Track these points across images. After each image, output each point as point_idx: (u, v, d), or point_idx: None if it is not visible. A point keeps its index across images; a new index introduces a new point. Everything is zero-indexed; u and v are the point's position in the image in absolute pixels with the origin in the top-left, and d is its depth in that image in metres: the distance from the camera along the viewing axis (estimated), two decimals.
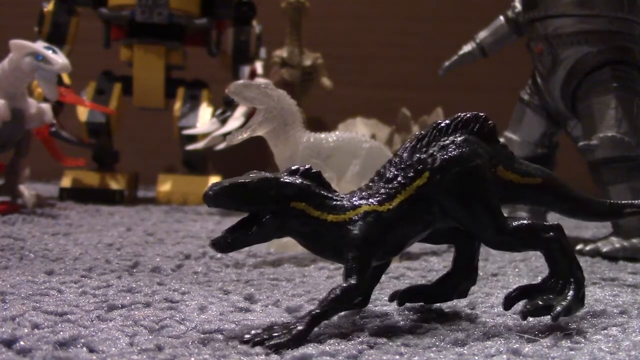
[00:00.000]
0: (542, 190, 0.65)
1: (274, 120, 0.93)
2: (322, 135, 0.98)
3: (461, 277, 0.66)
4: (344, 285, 0.56)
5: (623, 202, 0.70)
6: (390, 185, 0.60)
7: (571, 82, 1.16)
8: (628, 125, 1.07)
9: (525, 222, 0.61)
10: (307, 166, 0.59)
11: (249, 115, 1.48)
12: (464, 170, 0.60)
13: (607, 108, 1.09)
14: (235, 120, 1.50)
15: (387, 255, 0.61)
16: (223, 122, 1.55)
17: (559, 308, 0.58)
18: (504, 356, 0.53)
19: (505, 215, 0.62)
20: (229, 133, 1.28)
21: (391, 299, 0.68)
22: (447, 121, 0.62)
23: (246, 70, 1.77)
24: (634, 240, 1.03)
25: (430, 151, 0.61)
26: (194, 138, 1.61)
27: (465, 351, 0.54)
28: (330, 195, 0.60)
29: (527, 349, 0.54)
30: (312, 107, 1.95)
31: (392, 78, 2.26)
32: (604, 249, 1.03)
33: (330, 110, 2.07)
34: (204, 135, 1.56)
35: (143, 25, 1.68)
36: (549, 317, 0.59)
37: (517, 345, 0.55)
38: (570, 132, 1.26)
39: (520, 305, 0.61)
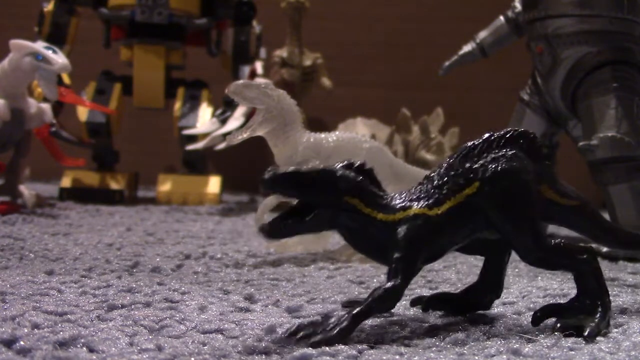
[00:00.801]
0: (577, 213, 0.65)
1: (274, 120, 0.93)
2: (322, 135, 0.98)
3: (487, 290, 0.66)
4: (388, 285, 0.56)
5: None
6: (439, 191, 0.61)
7: (571, 82, 1.16)
8: (628, 125, 1.07)
9: (562, 241, 0.61)
10: (362, 161, 0.60)
11: (249, 115, 1.48)
12: (514, 184, 0.61)
13: (607, 108, 1.09)
14: (235, 120, 1.50)
15: (428, 261, 0.61)
16: (223, 122, 1.55)
17: (589, 329, 0.58)
18: (504, 356, 0.53)
19: None
20: (229, 133, 1.28)
21: (413, 303, 0.68)
22: (498, 134, 0.63)
23: (246, 70, 1.77)
24: None
25: (482, 161, 0.61)
26: (194, 138, 1.60)
27: (465, 351, 0.54)
28: (381, 194, 0.60)
29: (527, 349, 0.54)
30: (312, 107, 1.95)
31: (392, 78, 2.26)
32: (604, 249, 1.03)
33: (330, 110, 2.07)
34: (204, 135, 1.56)
35: (143, 25, 1.68)
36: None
37: (517, 345, 0.55)
38: (570, 132, 1.26)
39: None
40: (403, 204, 0.60)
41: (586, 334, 0.57)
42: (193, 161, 1.74)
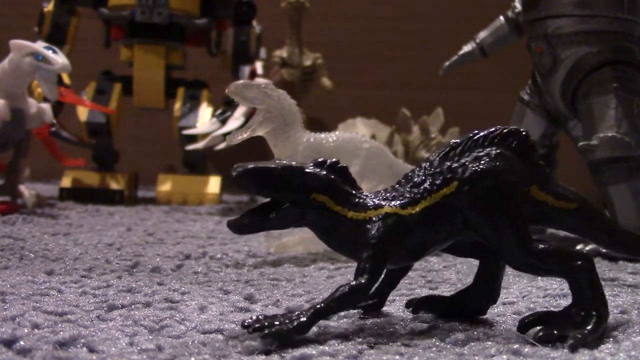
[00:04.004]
0: (576, 216, 0.62)
1: (274, 120, 0.93)
2: (322, 135, 0.98)
3: (481, 294, 0.64)
4: (353, 283, 0.56)
5: None
6: (416, 190, 0.59)
7: (571, 82, 1.16)
8: (628, 125, 1.07)
9: (553, 246, 0.58)
10: (334, 159, 0.59)
11: (249, 115, 1.48)
12: (494, 184, 0.58)
13: (607, 108, 1.09)
14: (235, 120, 1.50)
15: (403, 261, 0.60)
16: (223, 122, 1.55)
17: (572, 341, 0.55)
18: (504, 356, 0.53)
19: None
20: (229, 133, 1.28)
21: (408, 305, 0.66)
22: (485, 132, 0.60)
23: (246, 70, 1.77)
24: None
25: (462, 161, 0.59)
26: (194, 138, 1.61)
27: (465, 351, 0.54)
28: (353, 192, 0.59)
29: (527, 349, 0.54)
30: (312, 107, 1.95)
31: (392, 78, 2.26)
32: (604, 249, 1.03)
33: (330, 110, 2.07)
34: (204, 135, 1.56)
35: (143, 25, 1.68)
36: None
37: (517, 345, 0.55)
38: (570, 132, 1.26)
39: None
40: (376, 203, 0.59)
41: (568, 344, 0.54)
42: (193, 161, 1.74)
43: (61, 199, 1.60)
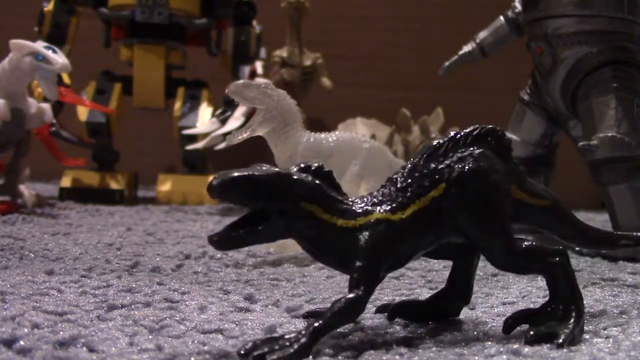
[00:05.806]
0: (547, 213, 0.63)
1: (274, 120, 0.93)
2: (322, 135, 0.98)
3: (455, 296, 0.64)
4: (350, 296, 0.52)
5: (619, 233, 0.72)
6: (403, 194, 0.57)
7: (571, 82, 1.16)
8: (628, 126, 1.07)
9: (533, 244, 0.58)
10: (319, 164, 0.56)
11: (249, 115, 1.48)
12: (482, 185, 0.58)
13: (607, 108, 1.09)
14: (235, 120, 1.50)
15: (393, 268, 0.58)
16: (223, 122, 1.55)
17: (563, 336, 0.55)
18: (504, 356, 0.53)
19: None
20: (229, 133, 1.28)
21: (379, 311, 0.65)
22: (464, 132, 0.60)
23: (246, 70, 1.77)
24: None
25: (447, 162, 0.58)
26: (194, 138, 1.61)
27: (465, 351, 0.54)
28: (340, 198, 0.56)
29: (527, 349, 0.54)
30: (312, 107, 1.95)
31: (392, 78, 2.26)
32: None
33: (330, 110, 2.07)
34: (204, 135, 1.56)
35: (143, 25, 1.68)
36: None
37: (517, 345, 0.55)
38: (570, 132, 1.26)
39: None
40: (364, 209, 0.56)
41: (560, 341, 0.55)
42: (193, 161, 1.74)
43: (61, 199, 1.60)
